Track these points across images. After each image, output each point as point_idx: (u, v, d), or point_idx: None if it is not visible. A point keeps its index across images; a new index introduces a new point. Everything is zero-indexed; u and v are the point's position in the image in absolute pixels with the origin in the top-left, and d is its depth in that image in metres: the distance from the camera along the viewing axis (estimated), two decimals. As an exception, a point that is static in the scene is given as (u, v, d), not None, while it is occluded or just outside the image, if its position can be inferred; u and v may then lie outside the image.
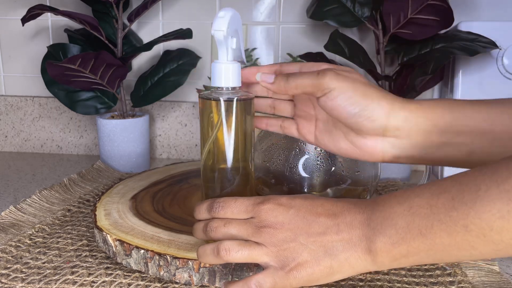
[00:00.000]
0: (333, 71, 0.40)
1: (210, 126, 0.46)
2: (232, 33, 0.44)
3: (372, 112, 0.38)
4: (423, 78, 0.80)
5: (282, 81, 0.41)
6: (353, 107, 0.38)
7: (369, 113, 0.38)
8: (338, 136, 0.42)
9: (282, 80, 0.41)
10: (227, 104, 0.44)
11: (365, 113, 0.38)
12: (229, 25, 0.43)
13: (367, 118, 0.38)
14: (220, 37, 0.43)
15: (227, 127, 0.45)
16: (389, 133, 0.39)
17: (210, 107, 0.45)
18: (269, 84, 0.42)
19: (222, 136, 0.45)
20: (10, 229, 0.59)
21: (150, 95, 0.88)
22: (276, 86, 0.42)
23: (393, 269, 0.50)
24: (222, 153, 0.45)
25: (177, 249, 0.48)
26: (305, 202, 0.38)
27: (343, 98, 0.38)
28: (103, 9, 0.87)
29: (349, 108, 0.38)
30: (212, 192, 0.47)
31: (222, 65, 0.45)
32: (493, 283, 0.47)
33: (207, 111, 0.46)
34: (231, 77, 0.45)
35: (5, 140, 1.04)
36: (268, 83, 0.42)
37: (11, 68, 1.02)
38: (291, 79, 0.41)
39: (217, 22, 0.43)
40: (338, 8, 0.80)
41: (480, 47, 0.74)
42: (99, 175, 0.82)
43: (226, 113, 0.44)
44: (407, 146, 0.39)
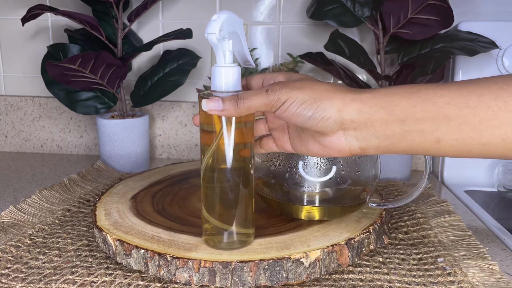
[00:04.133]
0: (280, 84, 0.41)
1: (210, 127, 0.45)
2: (228, 36, 0.44)
3: (324, 111, 0.39)
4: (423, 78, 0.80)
5: (232, 106, 0.41)
6: (305, 111, 0.39)
7: (321, 113, 0.39)
8: (307, 139, 0.43)
9: (232, 104, 0.41)
10: None
11: (317, 114, 0.39)
12: (223, 27, 0.43)
13: (321, 119, 0.39)
14: (213, 40, 0.43)
15: (227, 128, 0.45)
16: (347, 127, 0.39)
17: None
18: (219, 111, 0.41)
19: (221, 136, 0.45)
20: (10, 229, 0.59)
21: (150, 95, 0.88)
22: (227, 112, 0.41)
23: (393, 269, 0.50)
24: (221, 154, 0.45)
25: (177, 249, 0.48)
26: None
27: (294, 106, 0.40)
28: (103, 9, 0.87)
29: (302, 114, 0.39)
30: (212, 192, 0.47)
31: (219, 68, 0.45)
32: (493, 283, 0.47)
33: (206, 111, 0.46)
34: (230, 81, 0.44)
35: (5, 140, 1.04)
36: (218, 110, 0.41)
37: (11, 68, 1.02)
38: (241, 102, 0.41)
39: (210, 25, 0.43)
40: (338, 8, 0.80)
41: (480, 47, 0.74)
42: (99, 175, 0.82)
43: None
44: (370, 137, 0.39)
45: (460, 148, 0.37)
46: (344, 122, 0.39)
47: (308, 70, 0.95)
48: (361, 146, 0.39)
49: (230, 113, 0.41)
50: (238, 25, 0.45)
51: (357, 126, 0.39)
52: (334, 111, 0.39)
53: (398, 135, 0.38)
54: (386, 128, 0.38)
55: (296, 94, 0.40)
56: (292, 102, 0.40)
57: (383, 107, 0.38)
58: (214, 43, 0.44)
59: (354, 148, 0.40)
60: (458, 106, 0.36)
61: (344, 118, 0.39)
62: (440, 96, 0.37)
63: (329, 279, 0.48)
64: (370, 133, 0.38)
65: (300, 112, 0.39)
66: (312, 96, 0.39)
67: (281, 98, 0.40)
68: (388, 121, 0.38)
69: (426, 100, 0.37)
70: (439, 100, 0.36)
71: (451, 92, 0.36)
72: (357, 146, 0.40)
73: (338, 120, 0.39)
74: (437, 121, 0.37)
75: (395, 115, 0.37)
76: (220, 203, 0.47)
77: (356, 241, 0.51)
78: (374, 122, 0.38)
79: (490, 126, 0.35)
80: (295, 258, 0.46)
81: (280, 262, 0.46)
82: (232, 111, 0.41)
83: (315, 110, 0.39)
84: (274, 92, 0.40)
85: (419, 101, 0.37)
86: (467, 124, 0.36)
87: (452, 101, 0.36)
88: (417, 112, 0.37)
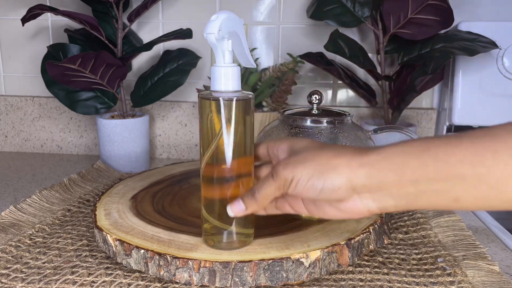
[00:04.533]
0: (282, 164, 0.41)
1: (210, 126, 0.45)
2: (228, 36, 0.44)
3: (333, 182, 0.38)
4: (423, 78, 0.80)
5: (252, 201, 0.43)
6: (314, 186, 0.39)
7: (331, 185, 0.38)
8: (322, 206, 0.42)
9: (251, 200, 0.43)
10: (227, 105, 0.44)
11: (327, 186, 0.38)
12: (222, 27, 0.43)
13: (332, 190, 0.38)
14: (212, 40, 0.43)
15: (227, 128, 0.45)
16: (361, 191, 0.38)
17: (210, 107, 0.45)
18: (244, 211, 0.44)
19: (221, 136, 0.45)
20: (10, 229, 0.59)
21: (150, 95, 0.88)
22: (251, 209, 0.43)
23: (393, 269, 0.50)
24: (221, 154, 0.45)
25: (177, 249, 0.48)
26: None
27: (302, 183, 0.39)
28: (103, 9, 0.87)
29: (312, 189, 0.39)
30: (212, 194, 0.47)
31: (218, 68, 0.45)
32: (493, 283, 0.47)
33: (206, 111, 0.46)
34: (230, 81, 0.44)
35: (5, 140, 1.04)
36: (242, 211, 0.44)
37: (11, 68, 1.02)
38: (257, 195, 0.42)
39: (208, 25, 0.43)
40: (338, 8, 0.80)
41: (480, 47, 0.74)
42: (99, 175, 0.82)
43: (226, 113, 0.44)
44: (386, 198, 0.37)
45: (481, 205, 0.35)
46: (356, 188, 0.38)
47: (308, 70, 0.95)
48: (379, 206, 0.38)
49: (254, 209, 0.44)
50: (238, 25, 0.45)
51: (370, 189, 0.37)
52: (343, 181, 0.38)
53: (414, 195, 0.36)
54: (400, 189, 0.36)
55: (300, 170, 0.39)
56: (298, 179, 0.39)
57: (393, 169, 0.36)
58: (213, 43, 0.44)
59: (373, 209, 0.39)
60: (472, 165, 0.33)
61: (356, 185, 0.37)
62: (452, 154, 0.34)
63: (329, 279, 0.48)
64: (385, 194, 0.37)
65: (309, 188, 0.39)
66: (317, 169, 0.39)
67: (288, 178, 0.40)
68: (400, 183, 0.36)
69: (437, 159, 0.34)
70: (451, 158, 0.34)
71: (463, 149, 0.34)
72: (375, 207, 0.38)
73: (349, 187, 0.38)
74: (452, 180, 0.34)
75: (406, 176, 0.35)
76: (219, 202, 0.47)
77: (356, 241, 0.51)
78: (387, 185, 0.36)
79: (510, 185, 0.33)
80: (295, 258, 0.46)
81: (280, 262, 0.46)
82: (255, 206, 0.43)
83: (324, 183, 0.38)
84: (278, 176, 0.41)
85: (430, 160, 0.35)
86: (484, 183, 0.33)
87: (465, 159, 0.33)
88: (430, 173, 0.35)
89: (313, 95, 0.58)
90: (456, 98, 0.83)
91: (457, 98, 0.83)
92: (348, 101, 0.96)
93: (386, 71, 0.88)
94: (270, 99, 0.87)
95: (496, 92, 0.82)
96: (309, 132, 0.55)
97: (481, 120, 0.84)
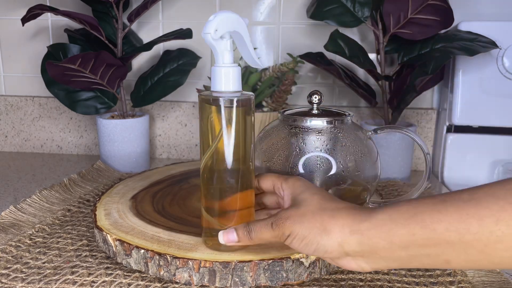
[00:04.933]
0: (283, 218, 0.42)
1: (210, 127, 0.45)
2: (228, 36, 0.44)
3: (325, 247, 0.39)
4: (423, 78, 0.80)
5: (245, 238, 0.44)
6: (308, 247, 0.40)
7: (323, 248, 0.39)
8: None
9: (245, 236, 0.44)
10: (227, 105, 0.44)
11: (320, 249, 0.40)
12: (219, 27, 0.43)
13: (325, 252, 0.39)
14: (209, 40, 0.43)
15: (227, 128, 0.45)
16: (353, 255, 0.39)
17: (210, 107, 0.45)
18: (235, 242, 0.45)
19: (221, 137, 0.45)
20: (10, 229, 0.59)
21: (150, 95, 0.88)
22: (243, 243, 0.45)
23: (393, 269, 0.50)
24: (222, 155, 0.45)
25: (177, 249, 0.48)
26: None
27: (297, 242, 0.41)
28: (103, 9, 0.87)
29: (306, 249, 0.41)
30: (212, 194, 0.47)
31: (218, 69, 0.44)
32: (493, 283, 0.47)
33: (206, 112, 0.46)
34: (230, 81, 0.44)
35: (5, 140, 1.04)
36: (234, 242, 0.45)
37: (11, 68, 1.02)
38: (252, 234, 0.44)
39: (206, 25, 0.43)
40: (338, 8, 0.80)
41: (480, 47, 0.74)
42: (99, 175, 0.82)
43: (226, 114, 0.44)
44: (379, 261, 0.38)
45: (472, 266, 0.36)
46: (348, 253, 0.39)
47: (308, 70, 0.95)
48: (373, 267, 0.39)
49: (246, 243, 0.45)
50: (239, 25, 0.44)
51: (362, 254, 0.38)
52: (335, 246, 0.39)
53: (405, 259, 0.37)
54: (391, 254, 0.37)
55: (297, 228, 0.41)
56: (294, 237, 0.41)
57: (382, 238, 0.37)
58: (210, 43, 0.43)
59: (366, 269, 0.40)
60: (459, 232, 0.34)
61: (348, 251, 0.39)
62: (437, 222, 0.35)
63: (329, 279, 0.48)
64: (377, 258, 0.38)
65: (304, 247, 0.41)
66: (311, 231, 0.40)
67: (285, 232, 0.41)
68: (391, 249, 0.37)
69: (424, 227, 0.35)
70: (437, 226, 0.35)
71: (448, 216, 0.35)
72: (369, 268, 0.39)
73: (341, 252, 0.39)
74: (440, 246, 0.35)
75: (396, 244, 0.36)
76: (219, 204, 0.47)
77: (356, 241, 0.50)
78: (377, 251, 0.37)
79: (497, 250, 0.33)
80: (295, 258, 0.46)
81: (280, 262, 0.46)
82: (247, 242, 0.45)
83: (317, 245, 0.40)
84: (278, 227, 0.42)
85: (417, 228, 0.35)
86: (472, 248, 0.34)
87: (451, 227, 0.34)
88: (418, 240, 0.36)
89: (313, 95, 0.58)
90: (456, 98, 0.83)
91: (457, 98, 0.83)
92: (348, 101, 0.96)
93: (386, 71, 0.88)
94: (270, 99, 0.87)
95: (496, 92, 0.82)
96: (309, 132, 0.55)
97: (481, 120, 0.84)
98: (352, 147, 0.55)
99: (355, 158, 0.55)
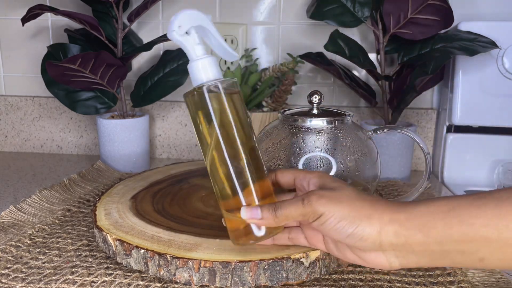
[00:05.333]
0: (317, 195, 0.40)
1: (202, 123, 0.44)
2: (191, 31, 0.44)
3: (363, 232, 0.38)
4: (423, 78, 0.80)
5: (270, 215, 0.41)
6: (344, 229, 0.38)
7: (360, 233, 0.38)
8: (344, 249, 0.42)
9: (270, 214, 0.41)
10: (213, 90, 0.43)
11: (357, 233, 0.38)
12: (182, 23, 0.43)
13: (360, 238, 0.38)
14: (175, 36, 0.43)
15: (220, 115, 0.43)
16: (386, 248, 0.38)
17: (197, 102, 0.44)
18: (257, 220, 0.42)
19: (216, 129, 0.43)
20: (10, 229, 0.59)
21: (150, 95, 0.88)
22: (266, 221, 0.42)
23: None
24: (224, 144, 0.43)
25: (177, 249, 0.48)
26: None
27: (333, 222, 0.39)
28: (103, 9, 0.87)
29: (341, 231, 0.38)
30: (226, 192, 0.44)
31: (194, 63, 0.44)
32: (493, 283, 0.47)
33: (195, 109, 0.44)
34: (209, 71, 0.44)
35: (5, 140, 1.04)
36: (257, 219, 0.42)
37: (11, 68, 1.02)
38: (279, 211, 0.41)
39: (169, 24, 0.43)
40: (338, 8, 0.80)
41: (480, 47, 0.74)
42: (99, 175, 0.82)
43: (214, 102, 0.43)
44: (410, 255, 0.38)
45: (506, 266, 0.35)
46: (382, 245, 0.38)
47: (308, 70, 0.95)
48: (402, 263, 0.38)
49: (269, 223, 0.42)
50: (203, 20, 0.44)
51: (395, 247, 0.38)
52: (373, 233, 0.38)
53: (439, 254, 0.36)
54: (425, 249, 0.37)
55: (334, 208, 0.39)
56: (330, 216, 0.39)
57: (419, 229, 0.36)
58: (177, 40, 0.43)
59: (395, 265, 0.39)
60: (497, 229, 0.34)
61: (383, 241, 0.38)
62: (475, 217, 0.34)
63: (329, 279, 0.48)
64: (409, 252, 0.37)
65: (339, 229, 0.39)
66: (351, 214, 0.38)
67: (318, 210, 0.39)
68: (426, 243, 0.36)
69: (461, 222, 0.35)
70: (475, 221, 0.34)
71: (487, 211, 0.34)
72: (398, 263, 0.39)
73: (376, 242, 0.38)
74: (476, 243, 0.35)
75: (432, 237, 0.36)
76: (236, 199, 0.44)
77: (356, 241, 0.50)
78: (412, 244, 0.37)
79: None
80: (295, 258, 0.46)
81: (280, 262, 0.46)
82: (271, 220, 0.41)
83: (355, 229, 0.38)
84: (310, 204, 0.39)
85: (455, 222, 0.35)
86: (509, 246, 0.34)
87: (490, 223, 0.34)
88: (454, 234, 0.35)
89: (313, 95, 0.58)
90: (456, 98, 0.83)
91: (457, 98, 0.83)
92: (348, 101, 0.96)
93: (386, 71, 0.88)
94: (270, 99, 0.87)
95: (496, 92, 0.82)
96: (309, 132, 0.55)
97: (481, 120, 0.84)
98: (352, 147, 0.55)
99: (355, 158, 0.55)
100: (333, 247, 0.43)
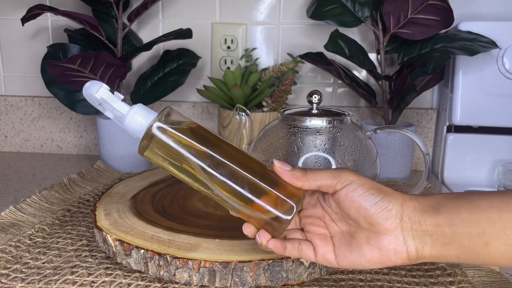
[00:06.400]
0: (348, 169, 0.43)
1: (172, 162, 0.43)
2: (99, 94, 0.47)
3: (389, 202, 0.41)
4: (423, 78, 0.80)
5: (302, 175, 0.42)
6: (373, 196, 0.41)
7: (387, 203, 0.40)
8: (360, 245, 0.42)
9: (302, 174, 0.43)
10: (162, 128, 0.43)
11: (384, 202, 0.40)
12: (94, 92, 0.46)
13: (385, 208, 0.40)
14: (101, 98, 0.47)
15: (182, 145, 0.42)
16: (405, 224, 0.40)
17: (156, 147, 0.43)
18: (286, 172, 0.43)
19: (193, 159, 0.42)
20: (10, 229, 0.59)
21: (150, 95, 0.88)
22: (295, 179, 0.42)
23: (393, 269, 0.50)
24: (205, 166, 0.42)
25: (177, 249, 0.48)
26: None
27: (363, 189, 0.41)
28: (103, 9, 0.87)
29: (369, 198, 0.41)
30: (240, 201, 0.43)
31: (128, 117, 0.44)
32: (493, 283, 0.47)
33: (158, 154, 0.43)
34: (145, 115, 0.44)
35: (5, 140, 1.04)
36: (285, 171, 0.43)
37: (11, 68, 1.02)
38: (309, 173, 0.42)
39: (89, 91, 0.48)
40: (338, 8, 0.80)
41: (480, 47, 0.74)
42: (99, 175, 0.82)
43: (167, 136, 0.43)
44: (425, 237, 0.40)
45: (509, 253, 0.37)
46: (403, 218, 0.40)
47: (308, 70, 0.95)
48: (417, 247, 0.40)
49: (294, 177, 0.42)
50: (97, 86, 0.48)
51: (412, 223, 0.40)
52: (397, 204, 0.40)
53: (449, 236, 0.39)
54: (437, 228, 0.39)
55: (363, 180, 0.42)
56: (360, 184, 0.41)
57: (433, 206, 0.40)
58: (104, 101, 0.46)
59: (411, 249, 0.40)
60: (500, 209, 0.37)
61: (404, 214, 0.40)
62: (483, 200, 0.38)
63: (329, 279, 0.48)
64: (424, 231, 0.40)
65: (367, 196, 0.41)
66: (378, 187, 0.41)
67: (348, 178, 0.42)
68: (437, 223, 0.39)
69: (469, 203, 0.39)
70: (482, 203, 0.38)
71: (494, 197, 0.38)
72: (414, 247, 0.40)
73: (399, 214, 0.40)
74: (481, 223, 0.38)
75: (443, 214, 0.39)
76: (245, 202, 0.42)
77: (356, 241, 0.50)
78: (426, 221, 0.40)
79: None
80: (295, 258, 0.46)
81: (280, 262, 0.46)
82: (299, 179, 0.42)
83: (382, 198, 0.41)
84: (343, 171, 0.42)
85: (463, 202, 0.39)
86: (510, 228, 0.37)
87: (494, 205, 0.37)
88: (462, 213, 0.38)
89: (313, 95, 0.58)
90: (456, 98, 0.83)
91: (457, 98, 0.83)
92: (348, 101, 0.96)
93: (386, 71, 0.88)
94: (270, 99, 0.87)
95: (496, 92, 0.82)
96: (308, 132, 0.55)
97: (481, 120, 0.83)
98: (351, 146, 0.55)
99: (353, 157, 0.55)
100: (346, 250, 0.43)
